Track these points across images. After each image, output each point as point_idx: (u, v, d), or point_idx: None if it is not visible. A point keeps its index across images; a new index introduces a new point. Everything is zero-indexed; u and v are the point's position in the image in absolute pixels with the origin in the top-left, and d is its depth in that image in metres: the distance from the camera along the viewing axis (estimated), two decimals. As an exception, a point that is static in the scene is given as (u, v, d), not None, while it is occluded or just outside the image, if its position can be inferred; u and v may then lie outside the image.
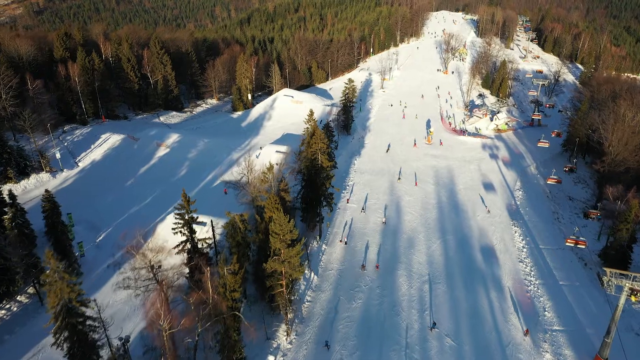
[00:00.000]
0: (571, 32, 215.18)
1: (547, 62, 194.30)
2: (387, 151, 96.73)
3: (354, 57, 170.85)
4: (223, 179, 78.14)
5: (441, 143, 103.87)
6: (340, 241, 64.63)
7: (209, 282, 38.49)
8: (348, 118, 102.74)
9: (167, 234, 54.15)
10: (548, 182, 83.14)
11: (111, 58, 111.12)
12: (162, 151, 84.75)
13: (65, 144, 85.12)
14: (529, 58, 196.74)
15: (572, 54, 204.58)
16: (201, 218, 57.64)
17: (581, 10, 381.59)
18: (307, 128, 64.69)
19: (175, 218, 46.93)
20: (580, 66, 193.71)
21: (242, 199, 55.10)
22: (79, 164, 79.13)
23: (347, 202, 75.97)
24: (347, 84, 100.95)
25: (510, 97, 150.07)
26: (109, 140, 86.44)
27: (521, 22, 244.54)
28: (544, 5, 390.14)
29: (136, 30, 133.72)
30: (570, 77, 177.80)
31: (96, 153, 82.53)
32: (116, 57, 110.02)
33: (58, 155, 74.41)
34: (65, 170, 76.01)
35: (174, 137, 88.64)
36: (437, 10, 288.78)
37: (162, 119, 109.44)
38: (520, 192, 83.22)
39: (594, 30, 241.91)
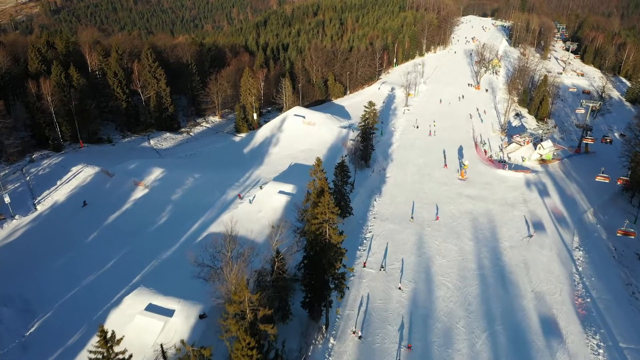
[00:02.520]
0: (614, 42, 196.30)
1: (589, 76, 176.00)
2: (411, 217, 76.27)
3: (375, 68, 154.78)
4: (211, 230, 63.03)
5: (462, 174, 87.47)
6: (354, 333, 48.88)
7: None
8: (367, 147, 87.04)
9: (122, 322, 39.69)
10: (618, 234, 66.37)
11: (97, 72, 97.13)
12: (139, 192, 69.81)
13: (28, 178, 71.17)
14: (568, 71, 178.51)
15: (614, 66, 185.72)
16: (167, 303, 42.69)
17: (615, 16, 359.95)
18: (314, 181, 49.04)
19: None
20: (625, 80, 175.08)
21: (216, 297, 39.62)
22: (37, 207, 65.00)
23: (364, 266, 60.32)
24: (367, 107, 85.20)
25: (551, 118, 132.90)
26: (80, 175, 72.17)
27: (557, 30, 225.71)
28: (575, 10, 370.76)
29: (130, 39, 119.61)
30: (615, 94, 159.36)
31: (61, 192, 68.23)
32: (101, 70, 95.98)
33: (7, 199, 60.22)
34: (17, 216, 61.97)
35: (156, 174, 73.67)
36: (463, 16, 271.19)
37: (152, 142, 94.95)
38: (581, 253, 66.46)
39: (635, 39, 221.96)
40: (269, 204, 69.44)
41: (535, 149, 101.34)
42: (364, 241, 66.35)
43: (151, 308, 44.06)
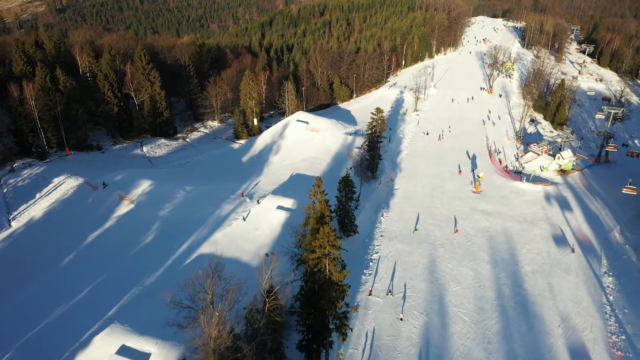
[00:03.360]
0: (631, 45, 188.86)
1: (605, 80, 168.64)
2: (414, 229, 69.99)
3: (383, 70, 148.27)
4: (201, 252, 57.03)
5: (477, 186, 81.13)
6: (358, 379, 42.83)
7: None
8: (374, 157, 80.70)
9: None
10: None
11: (88, 74, 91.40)
12: (124, 207, 63.71)
13: (5, 190, 65.53)
14: (584, 74, 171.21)
15: (632, 69, 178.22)
16: (143, 344, 36.78)
17: (629, 17, 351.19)
18: (314, 204, 42.86)
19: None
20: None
21: (196, 341, 33.42)
22: (12, 223, 59.22)
23: (370, 294, 54.11)
24: (374, 114, 78.85)
25: (568, 124, 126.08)
26: (62, 187, 66.36)
27: (571, 32, 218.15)
28: (587, 11, 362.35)
29: (124, 39, 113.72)
30: (634, 99, 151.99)
31: (39, 207, 62.43)
32: (92, 73, 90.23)
33: (-22, 216, 54.58)
34: (-11, 234, 56.18)
35: (143, 186, 67.54)
36: (473, 16, 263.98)
37: (145, 149, 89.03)
38: (610, 279, 59.94)
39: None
40: (266, 220, 63.46)
41: (554, 158, 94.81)
42: (370, 264, 60.21)
43: (124, 351, 38.27)
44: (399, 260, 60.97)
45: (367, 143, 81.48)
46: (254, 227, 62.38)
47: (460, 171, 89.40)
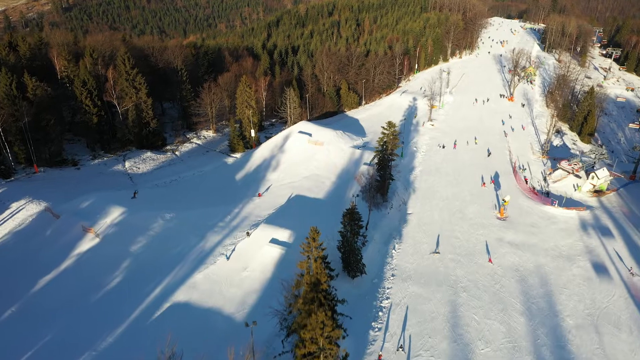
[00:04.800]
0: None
1: (633, 86, 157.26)
2: (435, 251, 62.86)
3: (395, 75, 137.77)
4: (176, 299, 47.18)
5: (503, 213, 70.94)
6: None
7: None
8: (385, 178, 70.48)
9: None
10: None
11: (66, 80, 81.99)
12: (87, 242, 53.67)
13: (-46, 217, 55.90)
14: (609, 79, 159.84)
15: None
16: None
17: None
18: (307, 261, 32.80)
19: None
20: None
21: None
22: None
23: (380, 359, 43.97)
24: (385, 129, 68.57)
25: (596, 136, 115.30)
26: (19, 215, 56.81)
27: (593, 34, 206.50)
28: (604, 12, 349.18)
29: (111, 41, 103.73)
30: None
31: (-12, 240, 52.83)
32: (70, 79, 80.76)
33: None
34: None
35: (113, 215, 57.53)
36: (487, 17, 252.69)
37: (127, 164, 79.24)
38: (673, 336, 49.44)
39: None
40: (257, 258, 53.57)
41: (587, 177, 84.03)
42: (380, 314, 50.15)
43: None
44: (414, 309, 50.91)
45: (377, 161, 71.34)
46: (241, 266, 52.52)
47: (483, 183, 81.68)
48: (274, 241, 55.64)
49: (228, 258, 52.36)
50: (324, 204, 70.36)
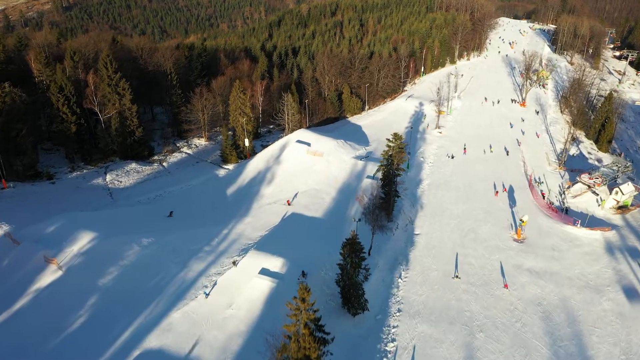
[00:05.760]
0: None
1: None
2: (455, 275, 56.53)
3: (400, 78, 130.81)
4: (148, 345, 40.46)
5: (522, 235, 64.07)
6: None
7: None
8: (390, 195, 63.65)
9: None
10: None
11: (44, 85, 75.45)
12: (49, 275, 46.74)
13: None
14: (624, 82, 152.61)
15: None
16: None
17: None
18: (295, 324, 25.98)
19: None
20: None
21: None
22: None
23: (384, 422, 37.29)
24: (391, 141, 61.74)
25: (613, 144, 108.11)
26: (-24, 240, 50.15)
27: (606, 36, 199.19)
28: (612, 13, 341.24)
29: (95, 42, 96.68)
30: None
31: None
32: (46, 84, 74.19)
33: None
34: None
35: (81, 242, 50.60)
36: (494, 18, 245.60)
37: (108, 177, 72.51)
38: None
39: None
40: (244, 292, 46.82)
41: (611, 192, 77.02)
42: (386, 358, 43.24)
43: None
44: (424, 354, 44.15)
45: (381, 176, 64.54)
46: (226, 303, 45.82)
47: (496, 192, 76.56)
48: (264, 272, 48.94)
49: (207, 295, 45.54)
50: (323, 223, 63.61)
